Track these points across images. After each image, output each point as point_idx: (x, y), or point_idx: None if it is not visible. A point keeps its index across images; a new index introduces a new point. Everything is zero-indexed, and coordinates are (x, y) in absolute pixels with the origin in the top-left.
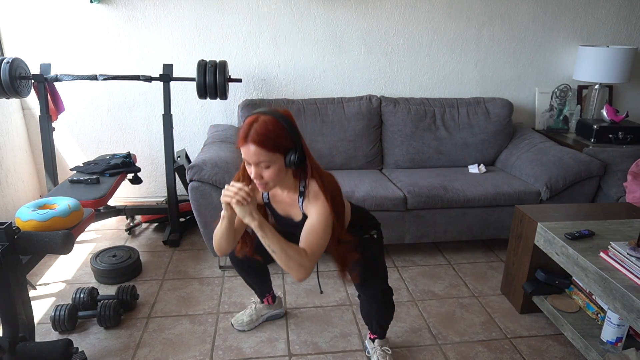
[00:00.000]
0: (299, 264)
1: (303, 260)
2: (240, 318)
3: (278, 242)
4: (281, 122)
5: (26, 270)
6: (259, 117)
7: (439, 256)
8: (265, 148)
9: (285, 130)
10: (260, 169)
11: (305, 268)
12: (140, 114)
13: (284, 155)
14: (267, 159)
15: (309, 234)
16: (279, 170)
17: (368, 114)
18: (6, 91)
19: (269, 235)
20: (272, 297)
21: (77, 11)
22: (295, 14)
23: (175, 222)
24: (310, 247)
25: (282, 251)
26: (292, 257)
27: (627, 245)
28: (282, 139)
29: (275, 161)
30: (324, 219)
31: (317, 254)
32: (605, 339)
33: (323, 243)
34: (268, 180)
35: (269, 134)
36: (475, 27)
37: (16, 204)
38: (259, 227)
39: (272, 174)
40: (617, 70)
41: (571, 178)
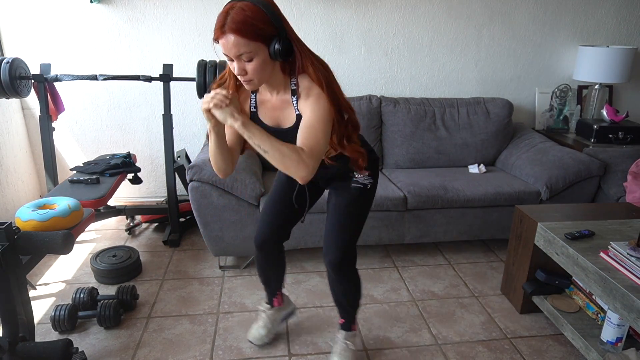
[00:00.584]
0: (298, 160)
1: (301, 156)
2: (256, 333)
3: (268, 139)
4: (260, 7)
5: (26, 270)
6: (235, 4)
7: (439, 256)
8: (246, 36)
9: (265, 15)
10: (243, 62)
11: (305, 164)
12: (140, 114)
13: (267, 45)
14: (249, 49)
15: (305, 130)
16: (264, 63)
17: (368, 114)
18: (6, 91)
19: (255, 133)
20: (282, 296)
21: (77, 11)
22: (295, 14)
23: (175, 222)
24: (308, 143)
25: (274, 149)
26: (287, 154)
27: (627, 245)
28: (264, 25)
29: (258, 51)
30: (320, 112)
31: (317, 150)
32: (605, 339)
33: (322, 138)
34: (252, 76)
35: (248, 19)
36: (475, 27)
37: (16, 204)
38: (243, 127)
39: (256, 66)
40: (617, 70)
41: (571, 178)
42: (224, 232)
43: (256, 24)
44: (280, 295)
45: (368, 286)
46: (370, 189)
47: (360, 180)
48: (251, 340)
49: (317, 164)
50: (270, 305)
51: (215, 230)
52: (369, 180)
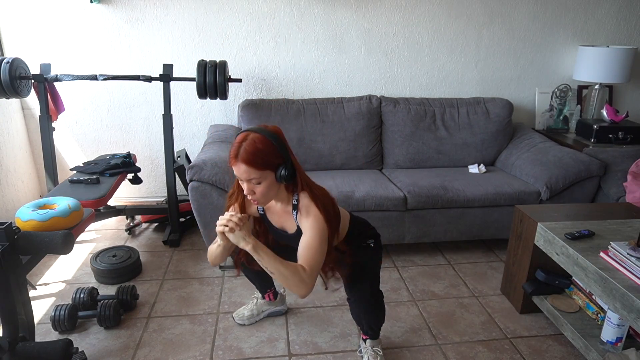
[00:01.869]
0: (299, 281)
1: (302, 277)
2: (241, 312)
3: (274, 262)
4: (270, 140)
5: (26, 270)
6: (248, 135)
7: (439, 256)
8: (255, 166)
9: (274, 147)
10: (252, 185)
11: (306, 284)
12: (140, 114)
13: (274, 171)
14: (258, 176)
15: (306, 249)
16: (270, 186)
17: (368, 114)
18: (6, 91)
19: (264, 257)
20: (274, 293)
21: (77, 11)
22: (295, 14)
23: (175, 222)
24: (309, 263)
25: (279, 272)
26: (291, 276)
27: (627, 245)
28: (271, 157)
29: (265, 177)
30: (318, 233)
31: (316, 268)
32: (605, 339)
33: (320, 257)
34: (260, 196)
35: (258, 152)
36: (475, 27)
37: (16, 204)
38: (254, 250)
39: (264, 189)
40: (617, 70)
41: (571, 178)
42: None
43: (265, 156)
44: (272, 293)
45: None
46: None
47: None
48: (233, 316)
49: (315, 279)
50: (261, 296)
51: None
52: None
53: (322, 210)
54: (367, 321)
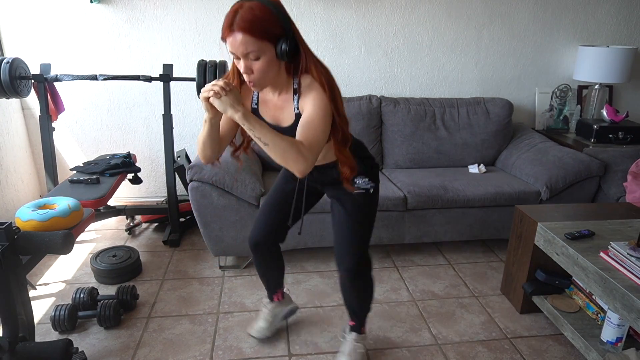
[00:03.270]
0: (297, 153)
1: (300, 150)
2: (257, 326)
3: (268, 131)
4: (269, 7)
5: (26, 270)
6: (244, 3)
7: (439, 256)
8: (253, 35)
9: (274, 15)
10: (250, 61)
11: (304, 157)
12: (140, 114)
13: (274, 44)
14: (256, 48)
15: (305, 125)
16: (270, 62)
17: (368, 114)
18: (6, 91)
19: (256, 126)
20: (282, 293)
21: (77, 11)
22: (295, 14)
23: (175, 222)
24: (307, 139)
25: (274, 142)
26: (287, 147)
27: (627, 245)
28: (271, 25)
29: (265, 51)
30: (320, 108)
31: (316, 145)
32: (605, 339)
33: (321, 134)
34: (258, 75)
35: (256, 19)
36: (475, 27)
37: (16, 204)
38: (244, 118)
39: (263, 65)
40: (617, 70)
41: (571, 178)
42: (224, 232)
43: (265, 24)
44: (281, 293)
45: None
46: (373, 193)
47: (362, 185)
48: (252, 333)
49: (316, 158)
50: (270, 300)
51: (215, 230)
52: (371, 185)
53: (327, 88)
54: (349, 299)
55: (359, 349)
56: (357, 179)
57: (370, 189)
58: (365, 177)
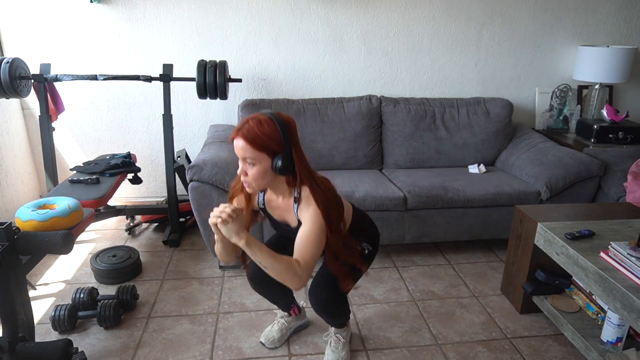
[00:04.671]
0: (293, 275)
1: (296, 271)
2: (270, 335)
3: (268, 257)
4: (276, 125)
5: (26, 270)
6: (259, 115)
7: (439, 256)
8: (252, 145)
9: (277, 133)
10: (247, 165)
11: (299, 277)
12: (140, 114)
13: (271, 157)
14: (253, 156)
15: (302, 243)
16: (264, 171)
17: (368, 114)
18: (6, 91)
19: (257, 252)
20: (298, 307)
21: (77, 11)
22: (295, 14)
23: (175, 222)
24: (303, 257)
25: (272, 267)
26: (284, 271)
27: (627, 245)
28: (271, 141)
29: (260, 161)
30: (315, 227)
31: (311, 263)
32: (606, 339)
33: (316, 251)
34: (251, 180)
35: (259, 132)
36: (475, 27)
37: (16, 204)
38: (247, 246)
39: (256, 173)
40: (617, 70)
41: (571, 178)
42: None
43: (265, 139)
44: (296, 307)
45: (368, 286)
46: (367, 254)
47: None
48: (264, 341)
49: (310, 272)
50: (287, 313)
51: None
52: (368, 248)
53: (322, 205)
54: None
55: (341, 339)
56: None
57: (365, 250)
58: (369, 244)
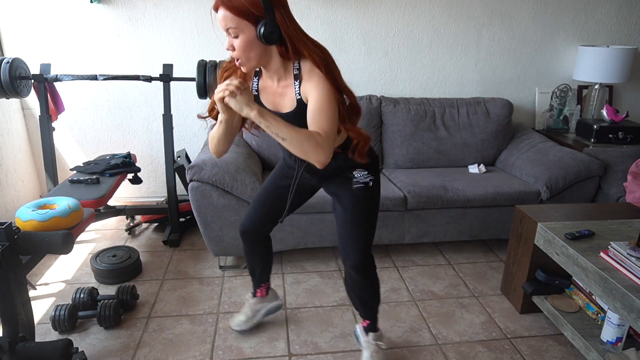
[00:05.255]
0: (315, 145)
1: (319, 140)
2: (237, 319)
3: (285, 126)
4: None
5: (26, 270)
6: None
7: (439, 256)
8: (231, 11)
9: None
10: (231, 38)
11: (323, 148)
12: (140, 114)
13: (254, 24)
14: (234, 25)
15: (316, 114)
16: (250, 41)
17: (368, 114)
18: (6, 91)
19: (272, 123)
20: (267, 289)
21: (77, 11)
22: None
23: (175, 222)
24: (322, 128)
25: (291, 136)
26: (305, 140)
27: (627, 245)
28: (250, 5)
29: (243, 29)
30: (325, 93)
31: (331, 133)
32: (605, 339)
33: (333, 119)
34: (239, 53)
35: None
36: (475, 27)
37: (16, 204)
38: (260, 116)
39: (242, 43)
40: (617, 70)
41: (571, 178)
42: (224, 232)
43: (243, 2)
44: (265, 288)
45: None
46: (373, 186)
47: (361, 179)
48: (231, 325)
49: (332, 145)
50: (252, 295)
51: (215, 230)
52: (370, 178)
53: (325, 70)
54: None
55: (382, 346)
56: (356, 173)
57: (369, 182)
58: (364, 170)
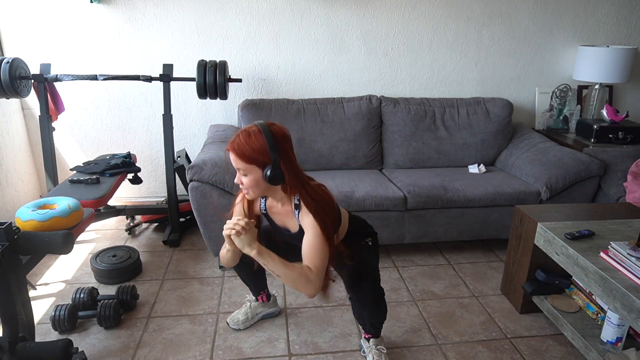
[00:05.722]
0: (306, 282)
1: (309, 277)
2: (235, 317)
3: (280, 266)
4: (264, 137)
5: (26, 270)
6: (250, 128)
7: (439, 256)
8: (241, 158)
9: (264, 145)
10: (241, 175)
11: (313, 284)
12: (140, 114)
13: (261, 168)
14: (244, 167)
15: (308, 250)
16: (257, 181)
17: (368, 114)
18: (6, 91)
19: (269, 262)
20: (267, 295)
21: (77, 11)
22: (295, 14)
23: (175, 222)
24: (314, 263)
25: (285, 275)
26: (297, 278)
27: (627, 245)
28: (258, 154)
29: (251, 171)
30: (318, 235)
31: (322, 267)
32: (605, 339)
33: (325, 255)
34: (247, 187)
35: (247, 145)
36: (475, 27)
37: (16, 204)
38: (259, 255)
39: (250, 182)
40: (617, 70)
41: (571, 178)
42: None
43: (254, 151)
44: (265, 295)
45: None
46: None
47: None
48: (228, 321)
49: (322, 280)
50: (255, 299)
51: (215, 230)
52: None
53: (315, 216)
54: (369, 318)
55: (383, 350)
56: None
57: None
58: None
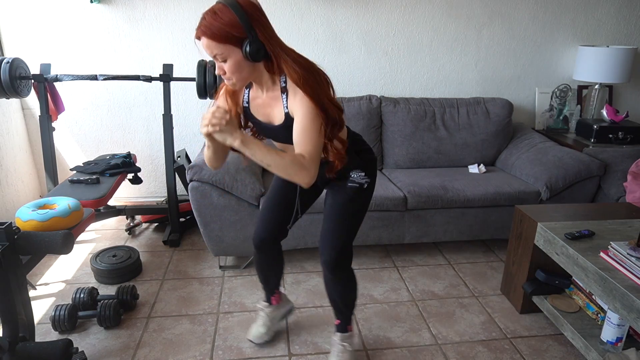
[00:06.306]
0: (300, 168)
1: (303, 163)
2: (257, 332)
3: (269, 153)
4: (232, 10)
5: (26, 270)
6: (215, 6)
7: (439, 256)
8: (214, 39)
9: (235, 19)
10: (220, 62)
11: (307, 170)
12: (140, 114)
13: (239, 46)
14: (220, 51)
15: (299, 135)
16: (239, 63)
17: (368, 114)
18: (6, 91)
19: (256, 151)
20: (280, 295)
21: (77, 11)
22: (295, 14)
23: (175, 222)
24: (306, 149)
25: (275, 163)
26: (290, 164)
27: (627, 245)
28: (231, 28)
29: (230, 53)
30: (310, 112)
31: (315, 154)
32: (605, 339)
33: (318, 140)
34: (230, 75)
35: (216, 23)
36: (475, 27)
37: (16, 204)
38: (243, 145)
39: (231, 66)
40: (617, 70)
41: (571, 178)
42: (224, 232)
43: (224, 28)
44: (279, 293)
45: (368, 286)
46: (367, 188)
47: (357, 179)
48: (251, 339)
49: (318, 166)
50: (268, 304)
51: (215, 230)
52: (366, 180)
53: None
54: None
55: (348, 348)
56: (353, 173)
57: (364, 184)
58: (362, 172)
